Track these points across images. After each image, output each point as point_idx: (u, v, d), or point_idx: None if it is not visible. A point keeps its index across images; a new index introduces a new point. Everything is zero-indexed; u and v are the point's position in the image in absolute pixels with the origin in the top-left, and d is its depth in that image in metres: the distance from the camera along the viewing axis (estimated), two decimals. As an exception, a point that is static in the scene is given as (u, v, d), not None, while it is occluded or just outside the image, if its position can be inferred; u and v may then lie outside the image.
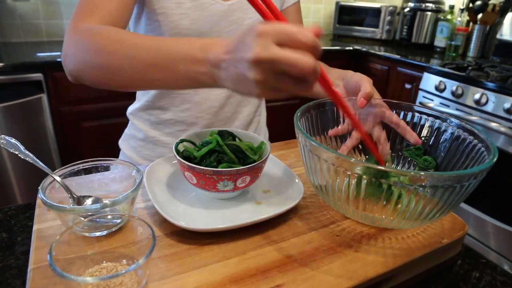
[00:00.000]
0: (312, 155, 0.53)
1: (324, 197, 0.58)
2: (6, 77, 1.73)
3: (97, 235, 0.51)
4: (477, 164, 0.55)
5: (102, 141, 2.08)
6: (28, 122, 1.83)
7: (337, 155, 0.49)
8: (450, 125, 0.64)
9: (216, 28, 0.80)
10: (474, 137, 0.59)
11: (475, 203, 1.90)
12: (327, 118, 0.70)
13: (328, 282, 0.46)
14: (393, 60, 2.41)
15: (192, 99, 0.85)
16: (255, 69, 0.42)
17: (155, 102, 0.87)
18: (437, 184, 0.46)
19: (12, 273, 0.52)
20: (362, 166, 0.48)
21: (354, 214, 0.56)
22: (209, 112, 0.87)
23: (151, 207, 0.60)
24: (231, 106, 0.90)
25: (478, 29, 2.41)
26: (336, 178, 0.52)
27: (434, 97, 2.07)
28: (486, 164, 0.48)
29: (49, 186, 0.54)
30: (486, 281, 0.56)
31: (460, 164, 0.60)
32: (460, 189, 0.47)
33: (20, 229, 0.62)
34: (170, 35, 0.77)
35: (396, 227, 0.56)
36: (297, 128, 0.56)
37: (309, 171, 0.58)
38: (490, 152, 0.53)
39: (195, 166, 0.54)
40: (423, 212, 0.50)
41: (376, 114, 0.70)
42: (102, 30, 0.61)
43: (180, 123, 0.88)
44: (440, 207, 0.49)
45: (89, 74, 0.62)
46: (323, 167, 0.52)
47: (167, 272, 0.47)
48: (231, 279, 0.46)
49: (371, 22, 2.94)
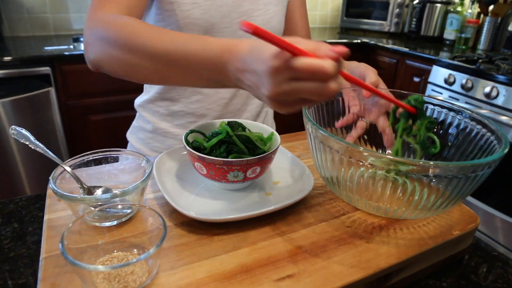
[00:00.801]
0: (324, 146, 0.53)
1: (335, 189, 0.58)
2: (15, 71, 1.74)
3: (107, 225, 0.51)
4: (488, 155, 0.55)
5: (109, 134, 2.08)
6: (36, 115, 1.84)
7: (350, 146, 0.48)
8: (461, 117, 0.63)
9: (227, 19, 0.79)
10: (484, 128, 0.59)
11: (484, 198, 1.88)
12: (334, 109, 0.70)
13: (340, 272, 0.46)
14: (401, 53, 2.39)
15: (202, 90, 0.85)
16: (274, 89, 0.42)
17: (164, 93, 0.87)
18: (447, 174, 0.45)
19: (24, 262, 0.53)
20: (374, 156, 0.47)
21: (366, 206, 0.56)
22: (220, 103, 0.87)
23: (160, 197, 0.60)
24: (241, 98, 0.89)
25: (489, 21, 2.37)
26: (349, 170, 0.51)
27: (443, 90, 2.05)
28: (498, 155, 0.47)
29: (60, 176, 0.54)
30: (497, 274, 0.55)
31: (471, 154, 0.60)
32: (470, 179, 0.47)
33: (31, 219, 0.62)
34: (180, 25, 0.76)
35: (409, 217, 0.56)
36: (306, 118, 0.55)
37: (318, 163, 0.57)
38: (501, 143, 0.52)
39: (205, 157, 0.54)
40: (435, 203, 0.50)
41: (382, 105, 0.70)
42: (121, 22, 0.61)
43: (190, 114, 0.88)
44: (450, 197, 0.49)
45: (110, 65, 0.62)
46: (335, 158, 0.52)
47: (177, 262, 0.47)
48: (241, 269, 0.46)
49: (379, 14, 2.91)
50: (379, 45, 2.55)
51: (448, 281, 0.53)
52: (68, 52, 1.85)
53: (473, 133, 0.60)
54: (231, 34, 0.81)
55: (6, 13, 2.18)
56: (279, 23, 0.88)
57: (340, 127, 0.71)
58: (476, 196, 1.91)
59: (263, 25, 0.84)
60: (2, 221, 0.62)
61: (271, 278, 0.45)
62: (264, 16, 0.84)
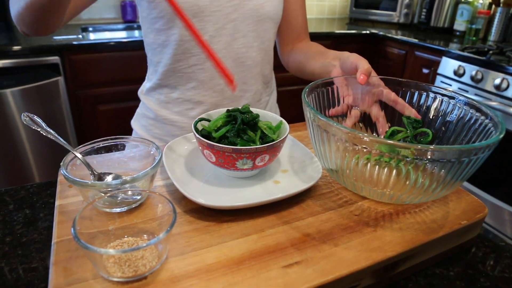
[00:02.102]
0: (328, 135, 0.53)
1: (339, 178, 0.58)
2: (24, 60, 1.75)
3: (117, 211, 0.52)
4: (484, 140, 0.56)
5: (117, 123, 2.10)
6: (45, 104, 1.86)
7: (355, 132, 0.48)
8: (458, 103, 0.64)
9: (217, 3, 0.79)
10: (482, 114, 0.59)
11: (492, 190, 1.87)
12: (330, 98, 0.71)
13: (347, 259, 0.46)
14: (410, 44, 2.36)
15: (197, 77, 0.86)
16: None
17: (163, 80, 0.88)
18: (444, 158, 0.46)
19: (36, 247, 0.54)
20: (379, 143, 0.48)
21: (370, 193, 0.56)
22: (215, 90, 0.87)
23: (169, 185, 0.61)
24: (237, 84, 0.89)
25: (500, 11, 2.34)
26: (352, 158, 0.52)
27: (453, 82, 2.03)
28: (493, 139, 0.48)
29: (70, 163, 0.55)
30: (504, 264, 0.55)
31: (469, 141, 0.61)
32: (471, 162, 0.48)
33: (42, 205, 0.63)
34: (167, 9, 0.77)
35: (413, 202, 0.56)
36: (308, 107, 0.55)
37: (321, 153, 0.57)
38: (498, 128, 0.53)
39: (215, 144, 0.55)
40: (437, 188, 0.51)
41: (374, 93, 0.70)
42: None
43: (187, 101, 0.88)
44: (451, 181, 0.50)
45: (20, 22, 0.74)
46: (340, 147, 0.52)
47: (187, 248, 0.48)
48: (250, 255, 0.47)
49: (388, 5, 2.88)
50: (388, 36, 2.53)
51: (455, 270, 0.53)
52: (76, 41, 1.86)
53: (471, 120, 0.61)
54: (222, 18, 0.81)
55: (15, 3, 2.19)
56: (274, 8, 0.87)
57: (335, 115, 0.71)
58: (483, 188, 1.90)
59: (256, 10, 0.84)
60: (14, 207, 0.63)
61: (279, 264, 0.45)
62: (257, 1, 0.84)
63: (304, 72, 0.93)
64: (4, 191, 0.67)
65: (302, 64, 0.93)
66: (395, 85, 0.70)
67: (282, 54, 1.04)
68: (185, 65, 0.84)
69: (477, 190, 1.92)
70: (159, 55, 0.86)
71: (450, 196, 0.61)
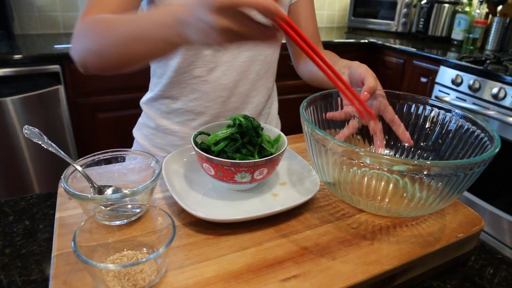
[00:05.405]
0: (326, 150, 0.53)
1: (336, 191, 0.59)
2: (24, 69, 1.76)
3: (117, 223, 0.52)
4: (479, 154, 0.57)
5: (117, 132, 2.10)
6: (46, 113, 1.86)
7: (351, 147, 0.49)
8: (454, 116, 0.65)
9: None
10: (478, 128, 0.60)
11: (491, 199, 1.87)
12: (333, 111, 0.71)
13: (345, 273, 0.47)
14: (408, 53, 2.38)
15: (200, 88, 0.86)
16: (218, 17, 0.45)
17: (166, 91, 0.89)
18: (440, 173, 0.48)
19: (35, 259, 0.54)
20: (374, 157, 0.48)
21: (368, 206, 0.57)
22: (217, 101, 0.88)
23: (169, 197, 0.61)
24: (239, 96, 0.90)
25: (497, 21, 2.36)
26: (349, 171, 0.52)
27: (451, 91, 2.04)
28: (489, 154, 0.49)
29: (71, 175, 0.56)
30: (501, 277, 0.55)
31: (464, 154, 0.61)
32: (462, 178, 0.49)
33: (42, 217, 0.64)
34: None
35: (410, 215, 0.57)
36: (306, 121, 0.56)
37: (318, 166, 0.58)
38: (493, 142, 0.54)
39: (214, 158, 0.55)
40: (434, 201, 0.52)
41: (375, 107, 0.70)
42: (96, 18, 0.66)
43: (189, 112, 0.89)
44: (448, 194, 0.51)
45: (89, 61, 0.67)
46: (337, 160, 0.53)
47: (185, 261, 0.48)
48: (248, 268, 0.47)
49: (387, 14, 2.90)
50: (387, 45, 2.54)
51: (452, 283, 0.54)
52: (77, 50, 1.86)
53: (468, 133, 0.62)
54: None
55: (17, 11, 2.21)
56: None
57: (331, 118, 0.71)
58: (482, 198, 1.91)
59: None
60: (14, 218, 0.63)
61: (277, 278, 0.46)
62: None
63: (317, 81, 0.94)
64: (3, 202, 0.67)
65: (314, 73, 0.93)
66: (393, 98, 0.71)
67: (296, 64, 1.04)
68: (189, 76, 0.85)
69: (476, 199, 1.93)
70: (163, 67, 0.87)
71: (447, 209, 0.62)
